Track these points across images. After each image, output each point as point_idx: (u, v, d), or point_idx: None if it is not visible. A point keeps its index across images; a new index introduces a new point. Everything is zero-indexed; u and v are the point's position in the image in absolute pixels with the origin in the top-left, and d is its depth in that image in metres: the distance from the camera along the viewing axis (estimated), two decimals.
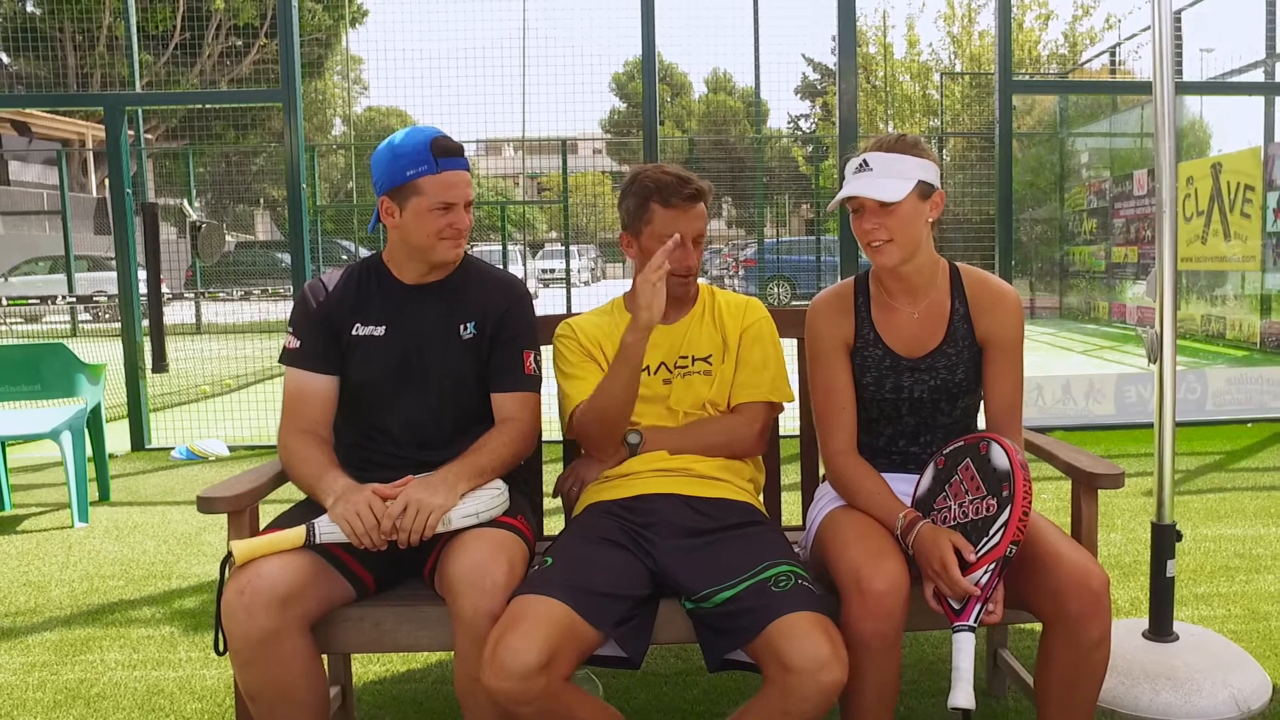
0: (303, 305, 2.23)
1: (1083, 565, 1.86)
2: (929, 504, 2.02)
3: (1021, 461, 1.90)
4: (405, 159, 2.10)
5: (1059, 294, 15.30)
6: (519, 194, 17.60)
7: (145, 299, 6.27)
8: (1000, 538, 1.82)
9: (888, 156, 2.04)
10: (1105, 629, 1.85)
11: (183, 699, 2.68)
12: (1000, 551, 1.81)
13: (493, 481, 2.11)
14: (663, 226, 2.22)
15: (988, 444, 1.97)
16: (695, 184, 2.23)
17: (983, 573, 1.81)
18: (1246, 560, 3.61)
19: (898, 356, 2.15)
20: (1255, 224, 8.15)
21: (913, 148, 2.06)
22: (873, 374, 2.16)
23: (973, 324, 2.14)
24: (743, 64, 44.72)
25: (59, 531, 4.36)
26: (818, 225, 12.22)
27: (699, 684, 2.69)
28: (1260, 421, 6.15)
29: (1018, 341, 2.14)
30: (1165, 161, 2.59)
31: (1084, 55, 18.72)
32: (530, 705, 1.75)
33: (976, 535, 1.87)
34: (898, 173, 2.03)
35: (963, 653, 1.78)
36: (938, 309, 2.15)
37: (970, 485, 1.95)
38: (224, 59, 21.51)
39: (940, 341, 2.13)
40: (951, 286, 2.16)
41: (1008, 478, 1.88)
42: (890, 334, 2.16)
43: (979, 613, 1.81)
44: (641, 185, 2.24)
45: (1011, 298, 2.15)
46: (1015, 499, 1.84)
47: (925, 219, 2.07)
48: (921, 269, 2.13)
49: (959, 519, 1.92)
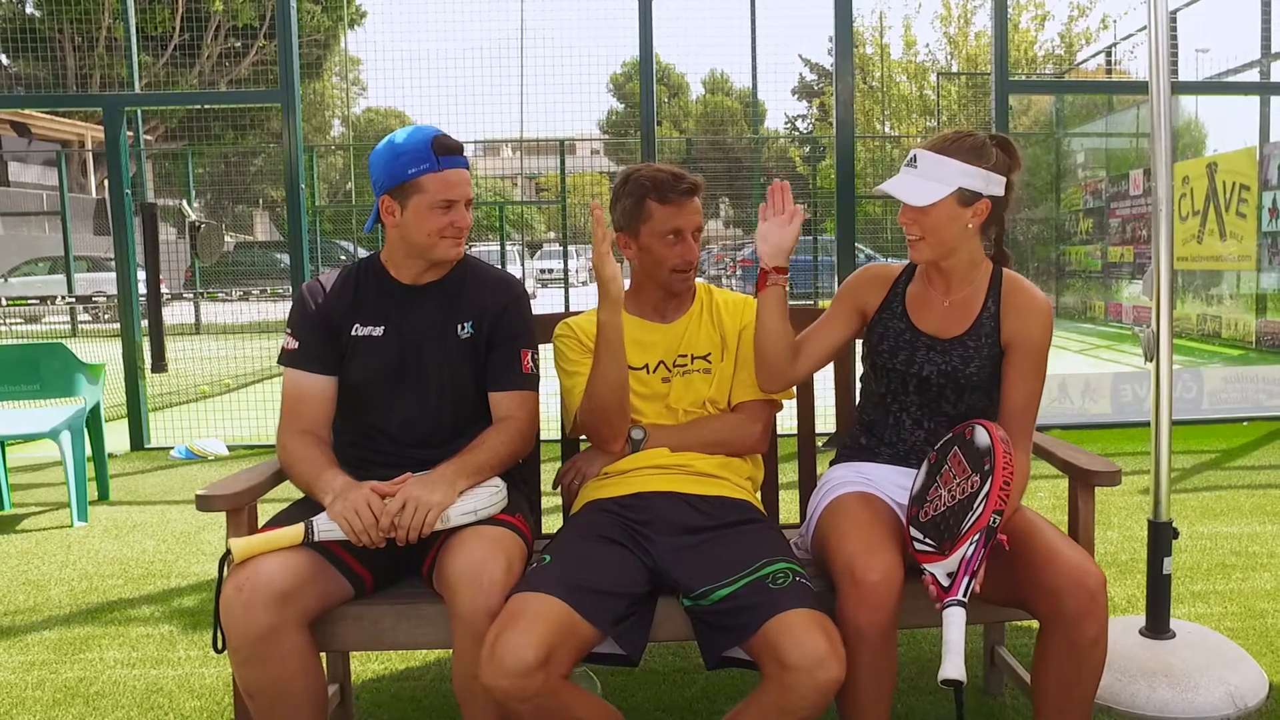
0: (301, 306, 2.24)
1: (1079, 564, 1.87)
2: (922, 497, 2.03)
3: (1002, 436, 1.91)
4: (406, 157, 2.11)
5: (1055, 293, 15.30)
6: (517, 194, 17.61)
7: (144, 299, 6.27)
8: (983, 508, 1.83)
9: (936, 157, 2.06)
10: (1102, 627, 1.85)
11: (182, 697, 2.69)
12: (984, 522, 1.82)
13: (491, 479, 2.11)
14: (661, 223, 2.23)
15: (972, 428, 1.99)
16: (689, 179, 2.25)
17: (969, 545, 1.82)
18: (1243, 558, 3.62)
19: (917, 331, 2.18)
20: (1251, 223, 8.17)
21: (966, 152, 2.05)
22: (889, 343, 2.20)
23: (1000, 325, 2.15)
24: (740, 65, 44.71)
25: (58, 530, 4.36)
26: (814, 225, 12.21)
27: (697, 681, 2.70)
28: (1256, 420, 6.16)
29: (1042, 349, 2.13)
30: (1161, 161, 2.61)
31: (1080, 55, 18.76)
32: (528, 703, 1.76)
33: (962, 512, 1.88)
34: (939, 176, 2.04)
35: (953, 626, 1.78)
36: (970, 302, 2.17)
37: (958, 470, 1.97)
38: (223, 60, 21.52)
39: (964, 331, 2.15)
40: (990, 287, 2.18)
41: (989, 452, 1.90)
42: (917, 311, 2.20)
43: (968, 586, 1.81)
44: (636, 184, 2.25)
45: (1043, 306, 2.15)
46: (995, 469, 1.85)
47: (964, 224, 2.08)
48: (959, 267, 2.15)
49: (948, 504, 1.93)
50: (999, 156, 2.09)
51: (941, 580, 1.85)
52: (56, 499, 4.89)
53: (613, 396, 2.19)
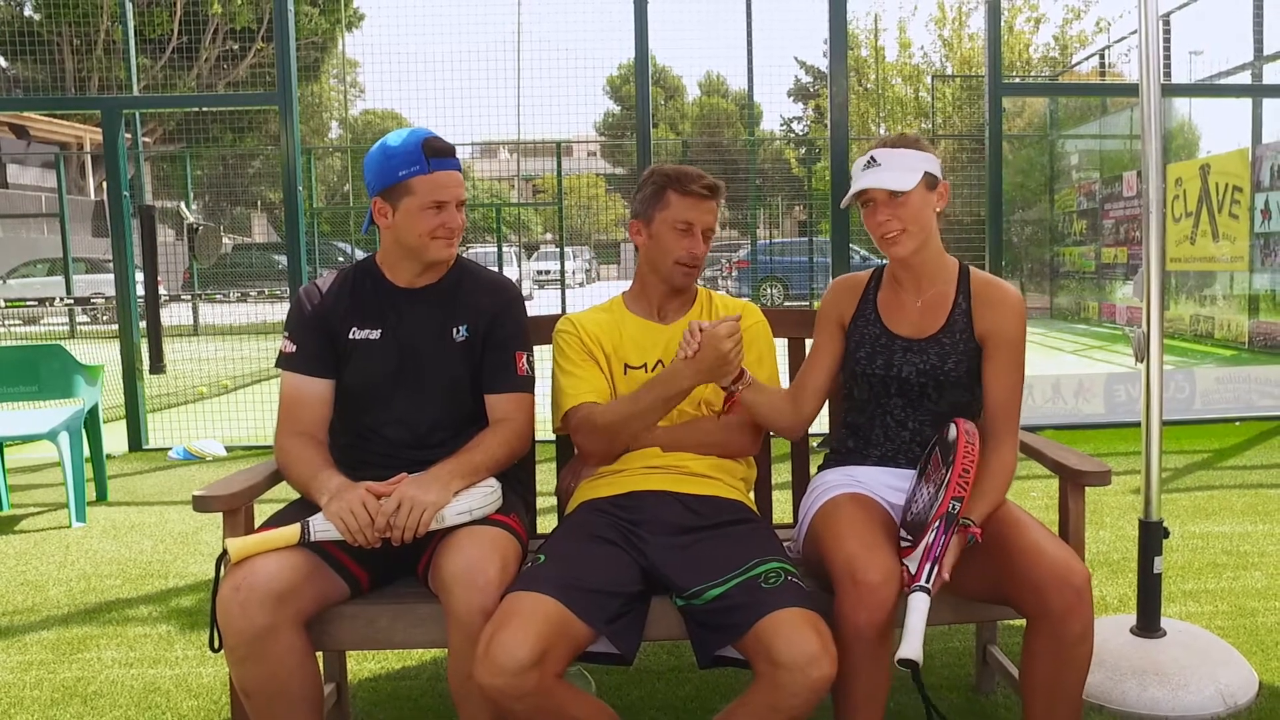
0: (298, 310, 2.25)
1: (1064, 561, 1.89)
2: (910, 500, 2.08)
3: (968, 429, 1.96)
4: (397, 159, 2.13)
5: (1049, 294, 15.35)
6: (514, 196, 17.62)
7: (143, 301, 6.28)
8: (943, 496, 1.88)
9: (894, 152, 2.14)
10: (1087, 624, 1.87)
11: (179, 696, 2.70)
12: (943, 509, 1.87)
13: (486, 480, 2.12)
14: (677, 213, 2.28)
15: (948, 426, 2.03)
16: (712, 180, 2.31)
17: (931, 533, 1.87)
18: (1234, 557, 3.65)
19: (892, 334, 2.21)
20: (1243, 225, 8.20)
21: (915, 143, 2.17)
22: (865, 349, 2.23)
23: (973, 319, 2.18)
24: (736, 67, 44.80)
25: (57, 531, 4.37)
26: (810, 227, 12.24)
27: (691, 680, 2.71)
28: (1248, 420, 6.19)
29: (1017, 342, 2.17)
30: (1152, 163, 2.62)
31: (1074, 58, 18.80)
32: (523, 701, 1.78)
33: (932, 504, 1.93)
34: (906, 166, 2.12)
35: (915, 612, 1.82)
36: (941, 300, 2.21)
37: (934, 468, 2.03)
38: (221, 63, 21.51)
39: (938, 329, 2.18)
40: (958, 283, 2.22)
41: (954, 444, 1.95)
42: (890, 315, 2.24)
43: (930, 571, 1.85)
44: (661, 174, 2.32)
45: (1014, 298, 2.20)
46: (956, 457, 1.90)
47: (933, 208, 2.16)
48: (929, 261, 2.20)
49: (927, 499, 1.98)
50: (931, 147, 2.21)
51: (909, 568, 1.89)
52: (55, 500, 4.90)
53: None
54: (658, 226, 2.30)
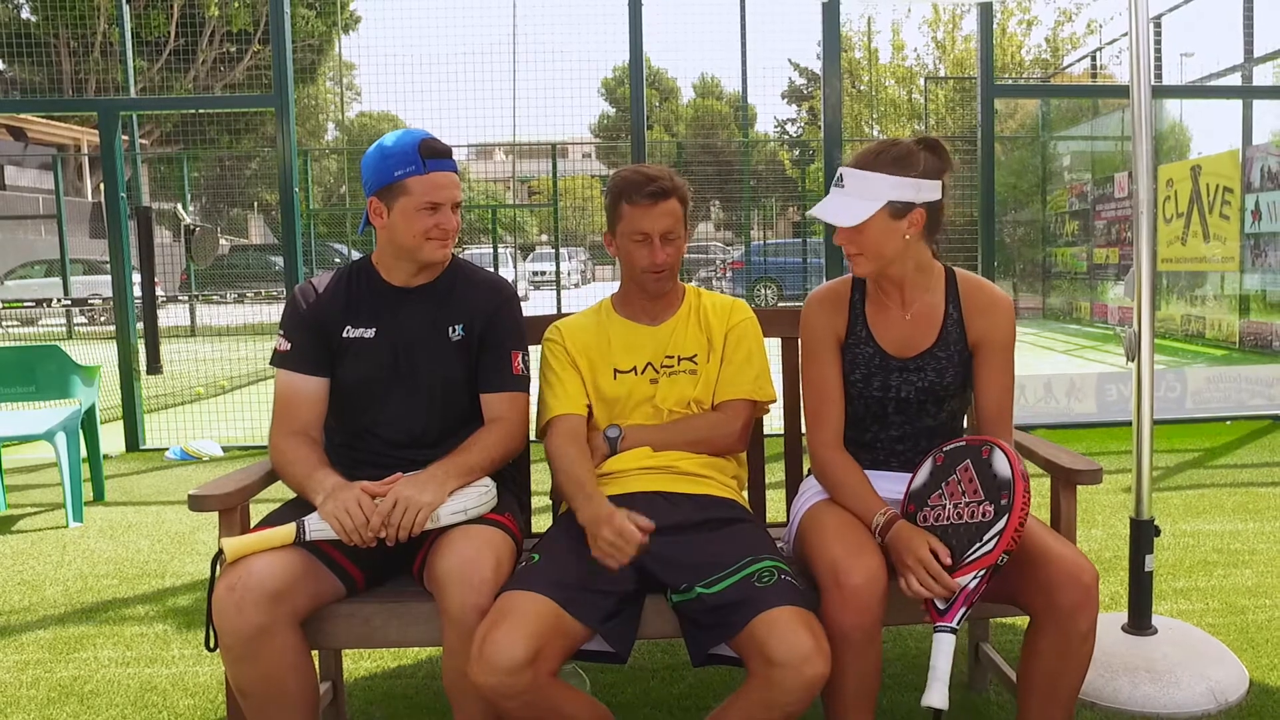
0: (293, 308, 2.26)
1: (1074, 559, 1.90)
2: (924, 498, 2.02)
3: (1023, 472, 1.90)
4: (393, 160, 2.14)
5: (1041, 294, 15.37)
6: (510, 198, 17.61)
7: (140, 302, 6.29)
8: (994, 545, 1.83)
9: (862, 174, 2.03)
10: (1093, 622, 1.89)
11: (175, 695, 2.71)
12: (992, 559, 1.83)
13: (481, 479, 2.13)
14: (631, 224, 2.24)
15: (990, 449, 1.97)
16: (661, 182, 2.22)
17: (972, 578, 1.83)
18: (1224, 555, 3.67)
19: (887, 355, 2.17)
20: (1234, 225, 8.22)
21: (892, 164, 2.02)
22: (861, 371, 2.18)
23: (965, 328, 2.15)
24: (730, 69, 44.73)
25: (54, 531, 4.38)
26: (804, 227, 12.27)
27: (685, 678, 2.73)
28: (1238, 419, 6.21)
29: (1008, 345, 2.15)
30: (1143, 164, 2.63)
31: (1066, 60, 18.84)
32: (517, 699, 1.79)
33: (969, 539, 1.87)
34: (867, 193, 2.02)
35: (942, 654, 1.81)
36: (931, 311, 2.16)
37: (968, 487, 1.95)
38: (218, 65, 21.49)
39: (932, 344, 2.15)
40: (946, 290, 2.17)
41: (1008, 486, 1.88)
42: (882, 333, 2.18)
43: (963, 616, 1.83)
44: (614, 185, 2.29)
45: (1004, 302, 2.17)
46: (1014, 509, 1.84)
47: (900, 236, 2.05)
48: (909, 274, 2.14)
49: (952, 519, 1.93)
50: (928, 161, 2.05)
51: (937, 604, 1.86)
52: (52, 500, 4.90)
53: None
54: (620, 239, 2.28)
